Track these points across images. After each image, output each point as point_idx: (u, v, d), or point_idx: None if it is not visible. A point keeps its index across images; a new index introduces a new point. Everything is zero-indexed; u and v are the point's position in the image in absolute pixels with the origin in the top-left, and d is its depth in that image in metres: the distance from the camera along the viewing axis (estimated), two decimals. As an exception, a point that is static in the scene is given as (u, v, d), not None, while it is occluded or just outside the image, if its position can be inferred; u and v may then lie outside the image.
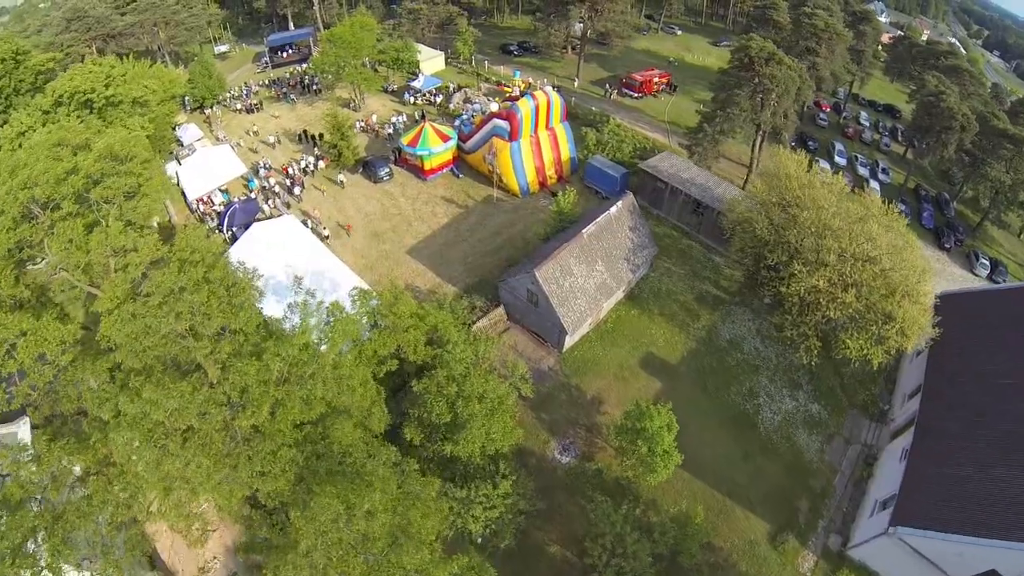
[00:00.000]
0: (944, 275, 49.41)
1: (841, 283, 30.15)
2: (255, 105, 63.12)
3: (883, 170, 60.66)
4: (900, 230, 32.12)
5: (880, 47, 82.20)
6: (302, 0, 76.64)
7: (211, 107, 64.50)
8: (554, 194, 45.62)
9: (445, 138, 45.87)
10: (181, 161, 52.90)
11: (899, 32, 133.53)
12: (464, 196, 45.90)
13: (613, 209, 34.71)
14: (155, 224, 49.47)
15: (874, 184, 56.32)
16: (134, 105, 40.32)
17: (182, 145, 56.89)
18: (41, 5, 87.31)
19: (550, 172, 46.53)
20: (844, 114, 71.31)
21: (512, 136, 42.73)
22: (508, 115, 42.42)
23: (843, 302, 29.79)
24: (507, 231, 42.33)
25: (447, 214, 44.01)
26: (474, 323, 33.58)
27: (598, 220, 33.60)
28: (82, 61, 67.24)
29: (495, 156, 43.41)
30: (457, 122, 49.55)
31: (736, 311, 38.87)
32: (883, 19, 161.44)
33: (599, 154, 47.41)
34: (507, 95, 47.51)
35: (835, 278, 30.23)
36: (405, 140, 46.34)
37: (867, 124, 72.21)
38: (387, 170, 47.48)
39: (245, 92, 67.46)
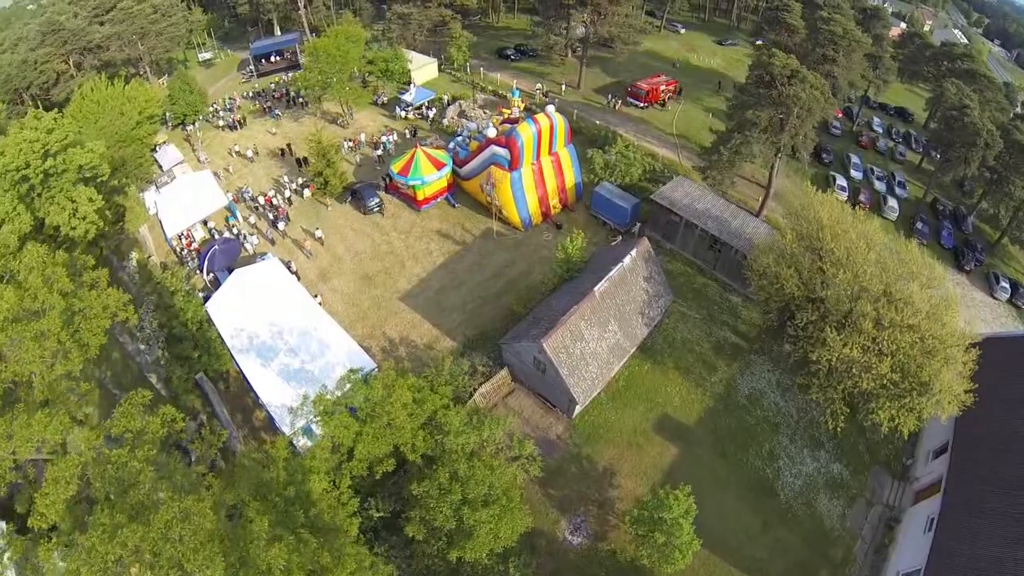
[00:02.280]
0: (965, 300, 47.11)
1: (876, 351, 27.76)
2: (239, 121, 59.57)
3: (900, 183, 57.96)
4: (941, 288, 29.66)
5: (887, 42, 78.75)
6: (287, 4, 72.31)
7: (193, 123, 60.98)
8: (559, 226, 42.97)
9: (439, 165, 42.71)
10: (160, 189, 49.82)
11: (902, 23, 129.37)
12: (461, 230, 42.98)
13: (627, 259, 31.99)
14: (134, 261, 46.61)
15: (892, 202, 53.69)
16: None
17: (161, 170, 53.65)
18: (30, 7, 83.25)
19: (554, 201, 43.53)
20: (857, 120, 68.16)
21: (512, 165, 39.69)
22: (507, 142, 39.27)
23: (877, 372, 27.45)
24: (509, 272, 39.56)
25: (442, 252, 41.15)
26: (476, 390, 31.16)
27: (611, 275, 30.91)
28: (56, 80, 63.21)
29: (494, 187, 40.45)
30: (452, 144, 46.25)
31: (755, 360, 36.55)
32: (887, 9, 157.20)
33: (606, 180, 44.28)
34: (505, 116, 44.13)
35: (869, 345, 27.84)
36: (395, 167, 43.16)
37: (880, 130, 69.24)
38: (377, 200, 44.32)
39: (228, 106, 63.81)
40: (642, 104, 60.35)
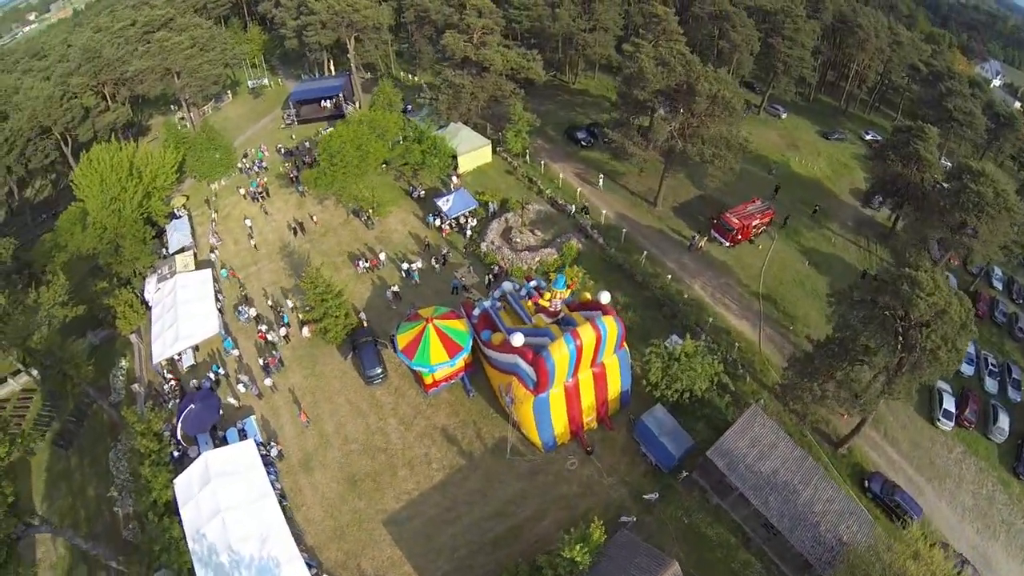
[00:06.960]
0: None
1: None
2: (260, 193, 53.81)
3: (1015, 382, 46.22)
4: None
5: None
6: (336, 45, 64.99)
7: (217, 181, 55.96)
8: (589, 451, 34.89)
9: (454, 350, 34.81)
10: (159, 283, 45.12)
11: (1017, 102, 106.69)
12: (471, 435, 35.55)
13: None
14: (123, 366, 42.55)
15: (1003, 420, 42.05)
16: None
17: (166, 252, 48.91)
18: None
19: (589, 417, 35.26)
20: (978, 276, 55.89)
21: (538, 389, 32.12)
22: (534, 361, 31.16)
23: None
24: (516, 513, 32.31)
25: (443, 463, 34.26)
26: None
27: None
28: (85, 115, 58.02)
29: (514, 402, 33.34)
30: (476, 311, 37.55)
31: None
32: (997, 82, 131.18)
33: (662, 392, 34.72)
34: (541, 306, 35.57)
35: None
36: (401, 340, 35.37)
37: (1000, 285, 56.60)
38: (379, 371, 37.40)
39: (258, 164, 58.10)
40: (729, 243, 50.49)
